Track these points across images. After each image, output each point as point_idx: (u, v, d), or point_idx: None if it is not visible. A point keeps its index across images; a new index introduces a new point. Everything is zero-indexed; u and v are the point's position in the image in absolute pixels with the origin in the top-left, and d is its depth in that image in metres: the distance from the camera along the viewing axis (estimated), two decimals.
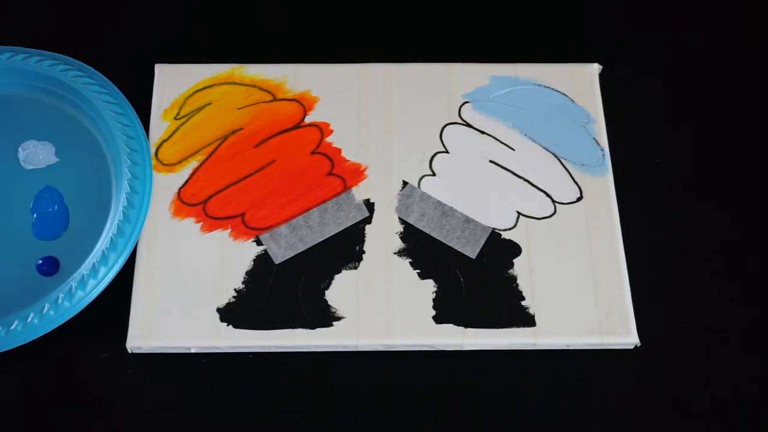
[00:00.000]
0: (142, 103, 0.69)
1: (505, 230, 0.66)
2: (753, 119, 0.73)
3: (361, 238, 0.66)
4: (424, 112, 0.70)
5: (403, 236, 0.66)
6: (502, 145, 0.69)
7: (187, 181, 0.67)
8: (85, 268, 0.63)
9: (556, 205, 0.67)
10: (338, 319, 0.63)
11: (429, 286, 0.64)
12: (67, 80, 0.69)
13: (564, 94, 0.71)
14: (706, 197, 0.70)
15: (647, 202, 0.69)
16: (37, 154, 0.68)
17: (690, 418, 0.62)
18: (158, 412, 0.62)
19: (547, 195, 0.68)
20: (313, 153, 0.69)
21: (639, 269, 0.65)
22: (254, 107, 0.70)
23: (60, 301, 0.62)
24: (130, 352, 0.63)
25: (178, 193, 0.67)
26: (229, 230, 0.66)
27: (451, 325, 0.63)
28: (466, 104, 0.71)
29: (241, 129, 0.69)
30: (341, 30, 0.76)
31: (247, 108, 0.70)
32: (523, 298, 0.64)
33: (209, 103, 0.70)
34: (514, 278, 0.64)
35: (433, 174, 0.68)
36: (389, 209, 0.67)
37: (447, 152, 0.69)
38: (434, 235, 0.66)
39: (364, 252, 0.65)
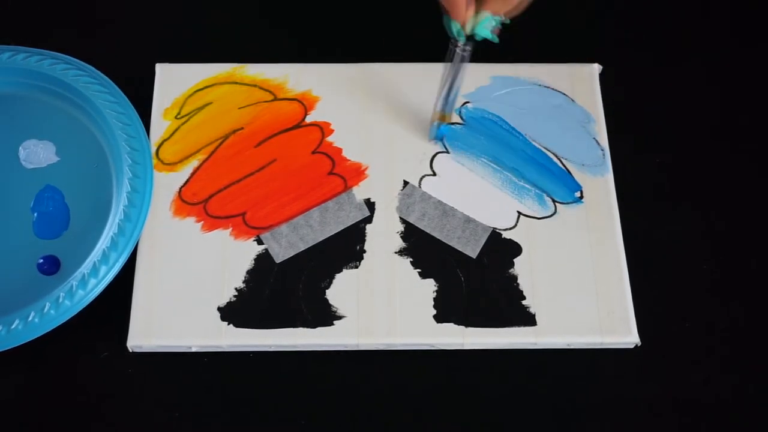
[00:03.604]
0: (142, 103, 0.69)
1: (505, 230, 0.66)
2: (754, 120, 0.73)
3: (361, 238, 0.66)
4: (425, 112, 0.70)
5: (404, 236, 0.66)
6: (502, 145, 0.69)
7: (187, 181, 0.67)
8: (85, 267, 0.63)
9: (557, 205, 0.67)
10: (339, 318, 0.63)
11: (430, 286, 0.64)
12: (67, 79, 0.69)
13: (564, 94, 0.71)
14: (706, 197, 0.70)
15: (647, 201, 0.69)
16: (37, 153, 0.68)
17: (690, 417, 0.62)
18: (158, 412, 0.62)
19: (548, 195, 0.68)
20: (313, 152, 0.69)
21: (639, 269, 0.66)
22: (255, 107, 0.70)
23: (61, 300, 0.62)
24: (130, 350, 0.63)
25: (179, 192, 0.67)
26: (230, 229, 0.66)
27: (451, 325, 0.63)
28: (466, 104, 0.71)
29: (242, 128, 0.69)
30: (342, 30, 0.76)
31: (247, 107, 0.70)
32: (524, 298, 0.64)
33: (210, 103, 0.70)
34: (514, 278, 0.65)
35: (434, 174, 0.68)
36: (390, 209, 0.67)
37: (448, 152, 0.69)
38: (435, 234, 0.66)
39: (364, 251, 0.65)
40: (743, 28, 0.78)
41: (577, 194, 0.68)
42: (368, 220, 0.67)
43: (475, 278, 0.65)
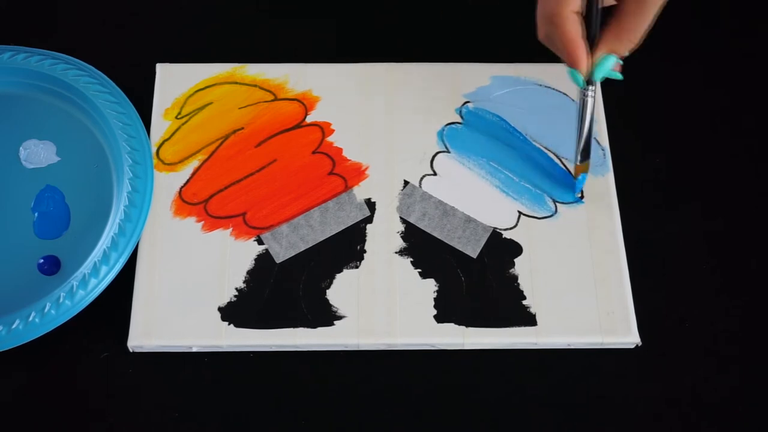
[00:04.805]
0: (143, 103, 0.69)
1: (506, 230, 0.66)
2: (754, 120, 0.73)
3: (362, 238, 0.66)
4: (425, 112, 0.70)
5: (404, 236, 0.66)
6: (502, 144, 0.69)
7: (188, 181, 0.67)
8: (86, 267, 0.63)
9: (557, 204, 0.67)
10: (339, 318, 0.63)
11: (430, 286, 0.64)
12: (68, 79, 0.69)
13: (564, 93, 0.71)
14: (706, 197, 0.70)
15: (647, 201, 0.69)
16: (38, 153, 0.68)
17: (690, 417, 0.62)
18: (158, 412, 0.62)
19: (548, 195, 0.68)
20: (314, 152, 0.69)
21: (639, 269, 0.66)
22: (255, 107, 0.70)
23: (61, 300, 0.62)
24: (131, 350, 0.63)
25: (180, 192, 0.67)
26: (231, 229, 0.66)
27: (452, 325, 0.63)
28: (467, 104, 0.71)
29: (242, 128, 0.69)
30: (342, 30, 0.76)
31: (248, 107, 0.70)
32: (524, 298, 0.64)
33: (210, 103, 0.70)
34: (515, 277, 0.65)
35: (434, 173, 0.68)
36: (390, 209, 0.67)
37: (448, 152, 0.69)
38: (435, 234, 0.66)
39: (365, 251, 0.65)
40: (743, 28, 0.78)
41: (578, 194, 0.68)
42: (368, 220, 0.67)
43: (476, 278, 0.65)
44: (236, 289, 0.64)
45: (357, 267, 0.65)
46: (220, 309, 0.63)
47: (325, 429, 0.62)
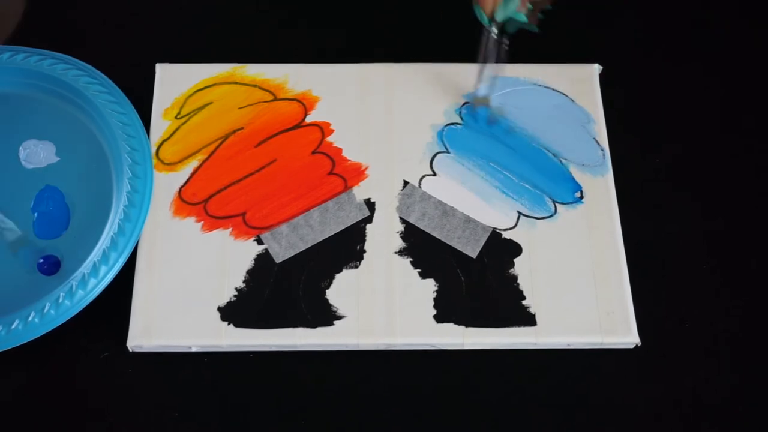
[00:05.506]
0: (142, 103, 0.69)
1: (505, 230, 0.66)
2: (754, 119, 0.73)
3: (361, 238, 0.66)
4: (425, 112, 0.70)
5: (404, 236, 0.66)
6: (502, 145, 0.69)
7: (187, 181, 0.67)
8: (85, 267, 0.63)
9: (557, 205, 0.67)
10: (339, 318, 0.63)
11: (430, 286, 0.64)
12: (67, 79, 0.69)
13: (564, 94, 0.71)
14: (706, 197, 0.70)
15: (647, 202, 0.69)
16: (37, 154, 0.68)
17: (690, 417, 0.62)
18: (158, 412, 0.62)
19: (548, 195, 0.68)
20: (313, 152, 0.69)
21: (639, 269, 0.66)
22: (255, 107, 0.70)
23: (61, 300, 0.62)
24: (130, 350, 0.63)
25: (179, 192, 0.67)
26: (230, 229, 0.66)
27: (451, 325, 0.63)
28: (467, 104, 0.71)
29: (242, 128, 0.69)
30: (342, 30, 0.76)
31: (247, 107, 0.70)
32: (524, 298, 0.64)
33: (210, 103, 0.70)
34: (514, 278, 0.65)
35: (434, 174, 0.68)
36: (390, 209, 0.67)
37: (448, 152, 0.69)
38: (435, 234, 0.66)
39: (364, 251, 0.65)
40: (743, 28, 0.78)
41: (577, 194, 0.68)
42: (368, 220, 0.67)
43: (475, 278, 0.65)
44: (236, 289, 0.64)
45: (357, 267, 0.65)
46: (219, 309, 0.63)
47: (325, 429, 0.62)
